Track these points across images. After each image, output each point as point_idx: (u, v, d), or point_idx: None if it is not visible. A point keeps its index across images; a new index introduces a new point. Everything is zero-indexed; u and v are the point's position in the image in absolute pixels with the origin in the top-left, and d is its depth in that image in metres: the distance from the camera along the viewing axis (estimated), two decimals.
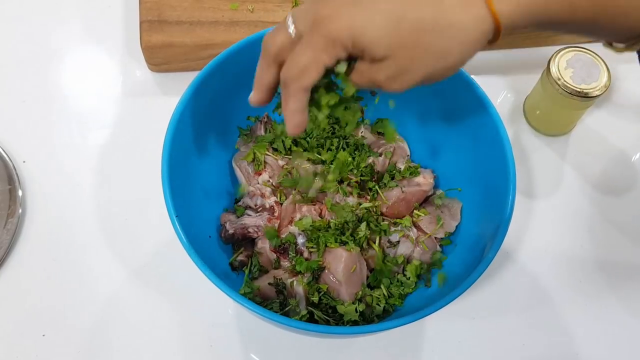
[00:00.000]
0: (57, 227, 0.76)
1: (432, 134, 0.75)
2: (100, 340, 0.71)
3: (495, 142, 0.65)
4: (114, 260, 0.74)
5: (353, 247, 0.66)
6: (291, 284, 0.65)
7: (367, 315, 0.66)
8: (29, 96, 0.83)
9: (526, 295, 0.76)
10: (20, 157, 0.79)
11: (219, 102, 0.70)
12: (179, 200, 0.61)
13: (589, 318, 0.75)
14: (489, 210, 0.66)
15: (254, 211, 0.70)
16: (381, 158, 0.74)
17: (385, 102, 0.76)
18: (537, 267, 0.77)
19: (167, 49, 0.81)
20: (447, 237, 0.71)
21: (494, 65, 0.88)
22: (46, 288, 0.73)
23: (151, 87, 0.84)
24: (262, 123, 0.74)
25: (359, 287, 0.66)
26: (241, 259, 0.69)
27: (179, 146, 0.64)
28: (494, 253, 0.60)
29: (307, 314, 0.64)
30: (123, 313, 0.72)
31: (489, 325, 0.74)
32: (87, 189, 0.78)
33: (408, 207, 0.71)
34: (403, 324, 0.57)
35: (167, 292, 0.73)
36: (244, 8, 0.83)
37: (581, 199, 0.81)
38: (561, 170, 0.83)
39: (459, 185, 0.73)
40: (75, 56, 0.87)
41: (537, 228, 0.79)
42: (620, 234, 0.79)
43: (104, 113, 0.83)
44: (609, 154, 0.85)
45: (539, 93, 0.81)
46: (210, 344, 0.71)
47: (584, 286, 0.76)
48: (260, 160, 0.71)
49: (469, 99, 0.68)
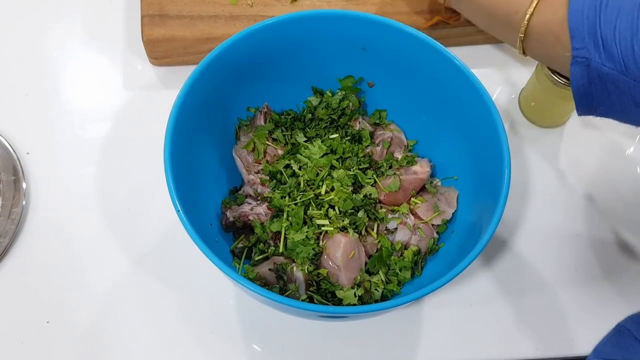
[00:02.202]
0: (60, 217, 0.77)
1: (430, 124, 0.76)
2: (103, 327, 0.72)
3: (491, 131, 0.66)
4: (117, 250, 0.76)
5: (352, 233, 0.67)
6: (291, 269, 0.66)
7: (366, 300, 0.67)
8: (32, 89, 0.84)
9: (522, 282, 0.77)
10: (24, 148, 0.80)
11: (219, 93, 0.71)
12: (181, 190, 0.62)
13: (584, 304, 0.76)
14: (485, 198, 0.68)
15: (254, 199, 0.71)
16: (379, 148, 0.75)
17: (382, 93, 0.78)
18: (532, 255, 0.78)
19: (168, 42, 0.82)
20: (444, 224, 0.72)
21: (490, 57, 0.89)
22: (50, 276, 0.74)
23: (152, 80, 0.86)
24: (261, 113, 0.75)
25: (358, 273, 0.68)
26: (242, 246, 0.71)
27: (180, 137, 0.65)
28: (487, 238, 0.61)
29: (307, 299, 0.66)
30: (126, 301, 0.73)
31: (486, 311, 0.75)
32: (90, 180, 0.79)
33: (405, 195, 0.72)
34: (401, 303, 0.58)
35: (169, 281, 0.74)
36: (243, 2, 0.85)
37: (575, 190, 0.82)
38: (556, 161, 0.85)
39: (456, 174, 0.74)
40: (78, 50, 0.88)
41: (532, 217, 0.80)
42: (614, 223, 0.80)
43: (106, 106, 0.84)
44: (603, 146, 0.86)
45: (533, 85, 0.82)
46: (212, 330, 0.73)
47: (579, 273, 0.77)
48: (260, 150, 0.73)
49: (466, 90, 0.69)
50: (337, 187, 0.69)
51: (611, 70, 0.57)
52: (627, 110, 0.61)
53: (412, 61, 0.72)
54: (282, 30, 0.70)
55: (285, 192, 0.70)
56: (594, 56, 0.58)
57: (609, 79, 0.58)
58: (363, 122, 0.77)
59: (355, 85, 0.78)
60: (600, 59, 0.58)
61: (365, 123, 0.77)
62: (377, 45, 0.72)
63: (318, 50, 0.74)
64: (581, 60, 0.59)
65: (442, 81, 0.71)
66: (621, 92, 0.58)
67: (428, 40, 0.69)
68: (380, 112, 0.79)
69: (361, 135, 0.75)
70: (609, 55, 0.57)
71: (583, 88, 0.61)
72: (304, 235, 0.66)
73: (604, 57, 0.58)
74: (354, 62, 0.75)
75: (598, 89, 0.60)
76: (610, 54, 0.57)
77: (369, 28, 0.71)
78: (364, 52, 0.74)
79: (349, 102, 0.76)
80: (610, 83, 0.58)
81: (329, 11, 0.72)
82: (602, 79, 0.59)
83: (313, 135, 0.75)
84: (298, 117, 0.77)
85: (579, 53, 0.59)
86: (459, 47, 0.88)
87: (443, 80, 0.71)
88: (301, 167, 0.71)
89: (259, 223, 0.69)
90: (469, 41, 0.89)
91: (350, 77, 0.77)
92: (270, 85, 0.76)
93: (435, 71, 0.71)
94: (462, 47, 0.88)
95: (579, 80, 0.61)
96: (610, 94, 0.60)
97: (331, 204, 0.69)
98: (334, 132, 0.75)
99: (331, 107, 0.76)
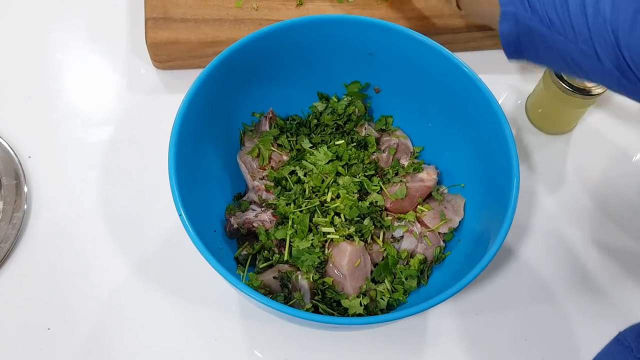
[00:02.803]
0: (62, 222, 0.76)
1: (436, 130, 0.76)
2: (104, 334, 0.71)
3: (499, 138, 0.66)
4: (119, 255, 0.75)
5: (357, 241, 0.67)
6: (296, 277, 0.65)
7: (372, 310, 0.67)
8: (35, 92, 0.83)
9: (528, 291, 0.76)
10: (26, 152, 0.79)
11: (224, 98, 0.71)
12: (185, 196, 0.61)
13: (591, 314, 0.75)
14: (493, 206, 0.67)
15: (259, 206, 0.71)
16: (385, 154, 0.74)
17: (389, 99, 0.78)
18: (539, 263, 0.78)
19: (172, 46, 0.81)
20: (451, 232, 0.71)
21: (497, 63, 0.88)
22: (51, 282, 0.73)
23: (156, 84, 0.85)
24: (266, 119, 0.75)
25: (363, 281, 0.67)
26: (246, 253, 0.70)
27: (185, 142, 0.64)
28: (496, 248, 0.60)
29: (311, 308, 0.65)
30: (127, 307, 0.73)
31: (492, 321, 0.74)
32: (92, 184, 0.78)
33: (412, 203, 0.72)
34: (407, 315, 0.57)
35: (171, 287, 0.74)
36: (248, 6, 0.84)
37: (582, 197, 0.82)
38: (563, 168, 0.84)
39: (463, 182, 0.73)
40: (81, 53, 0.87)
41: (539, 225, 0.80)
42: (621, 232, 0.80)
43: (109, 110, 0.83)
44: (610, 153, 0.85)
45: (541, 91, 0.81)
46: (214, 338, 0.72)
47: (586, 282, 0.77)
48: (265, 156, 0.72)
49: (473, 96, 0.68)
50: (342, 194, 0.68)
51: (538, 24, 0.58)
52: (554, 62, 0.62)
53: (419, 67, 0.72)
54: (288, 35, 0.69)
55: (291, 199, 0.69)
56: (520, 11, 0.59)
57: (536, 34, 0.59)
58: (369, 128, 0.76)
59: (361, 91, 0.77)
60: (526, 13, 0.59)
61: (371, 129, 0.76)
62: (384, 50, 0.72)
63: (324, 55, 0.73)
64: (509, 15, 0.60)
65: (449, 87, 0.71)
66: (547, 45, 0.59)
67: (435, 45, 0.69)
68: (386, 118, 0.78)
69: (367, 142, 0.74)
70: (533, 10, 0.58)
71: (513, 44, 0.62)
72: (309, 243, 0.66)
73: (529, 12, 0.59)
74: (361, 67, 0.75)
75: (526, 42, 0.61)
76: (534, 9, 0.58)
77: (376, 33, 0.70)
78: (370, 58, 0.73)
79: (355, 108, 0.76)
80: (538, 37, 0.59)
81: (335, 16, 0.71)
82: (530, 34, 0.60)
83: (318, 141, 0.74)
84: (303, 123, 0.77)
85: (507, 9, 0.60)
86: (465, 52, 0.87)
87: (450, 86, 0.71)
88: (306, 174, 0.71)
89: (263, 230, 0.68)
90: (475, 46, 0.88)
91: (357, 82, 0.77)
92: (275, 90, 0.75)
93: (442, 77, 0.70)
94: (469, 52, 0.88)
95: (508, 37, 0.62)
96: (538, 47, 0.61)
97: (337, 212, 0.68)
98: (340, 138, 0.74)
99: (337, 112, 0.76)
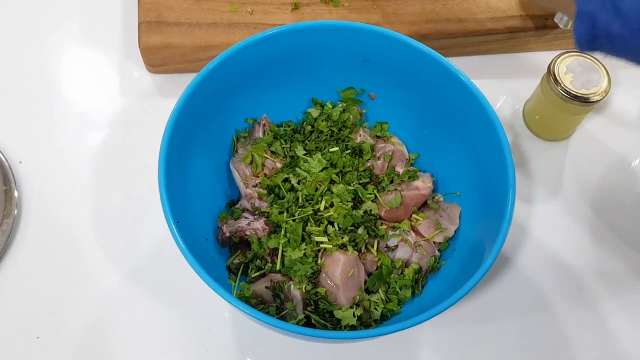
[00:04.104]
0: (53, 229, 0.75)
1: (432, 137, 0.75)
2: (95, 343, 0.70)
3: (495, 146, 0.65)
4: (110, 263, 0.74)
5: (351, 251, 0.66)
6: (288, 287, 0.64)
7: (365, 320, 0.66)
8: (27, 96, 0.82)
9: (525, 300, 0.75)
10: (17, 157, 0.78)
11: (217, 104, 0.70)
12: (176, 204, 0.61)
13: (588, 324, 0.74)
14: (488, 215, 0.66)
15: (251, 214, 0.70)
16: (380, 161, 0.73)
17: (384, 105, 0.77)
18: (536, 272, 0.77)
19: (165, 50, 0.80)
20: (446, 242, 0.71)
21: (494, 69, 0.88)
22: (41, 290, 0.72)
23: (149, 88, 0.84)
24: (260, 125, 0.74)
25: (357, 292, 0.66)
26: (238, 262, 0.69)
27: (176, 148, 0.63)
28: (492, 258, 0.60)
29: (304, 318, 0.64)
30: (118, 316, 0.72)
31: (488, 330, 0.73)
32: (84, 190, 0.77)
33: (406, 211, 0.71)
34: (401, 329, 0.56)
35: (163, 295, 0.73)
36: (243, 10, 0.83)
37: (580, 205, 0.81)
38: (560, 175, 0.83)
39: (459, 190, 0.73)
40: (73, 56, 0.86)
41: (536, 233, 0.79)
42: (619, 240, 0.79)
43: (101, 114, 0.82)
44: (608, 160, 0.84)
45: (538, 98, 0.80)
46: (206, 347, 0.71)
47: (584, 292, 0.76)
48: (258, 163, 0.71)
49: (469, 103, 0.67)
50: (336, 203, 0.68)
51: (621, 29, 0.52)
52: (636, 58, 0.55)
53: (414, 73, 0.71)
54: (282, 41, 0.69)
55: (284, 207, 0.68)
56: (600, 12, 0.53)
57: (617, 38, 0.53)
58: (364, 134, 0.75)
59: (356, 97, 0.76)
60: (607, 15, 0.52)
61: (366, 136, 0.75)
62: (379, 56, 0.71)
63: (319, 61, 0.72)
64: (586, 16, 0.54)
65: (445, 94, 0.70)
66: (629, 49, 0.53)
67: (430, 52, 0.68)
68: (381, 124, 0.77)
69: (362, 149, 0.73)
70: (617, 12, 0.51)
71: (587, 43, 0.56)
72: (302, 252, 0.65)
73: (611, 13, 0.52)
74: (355, 73, 0.74)
75: (604, 43, 0.55)
76: (618, 10, 0.51)
77: (371, 39, 0.69)
78: (365, 64, 0.72)
79: (349, 114, 0.75)
80: (620, 42, 0.53)
81: (330, 22, 0.70)
82: (609, 37, 0.54)
83: (313, 148, 0.73)
84: (297, 129, 0.76)
85: (584, 8, 0.54)
86: (462, 57, 0.86)
87: (446, 93, 0.70)
88: (300, 182, 0.70)
89: (255, 239, 0.67)
90: (472, 51, 0.87)
91: (352, 88, 0.76)
92: (269, 95, 0.74)
93: (438, 84, 0.70)
94: (466, 57, 0.87)
95: (583, 37, 0.55)
96: (618, 48, 0.55)
97: (330, 220, 0.67)
98: (334, 145, 0.73)
99: (331, 119, 0.75)
